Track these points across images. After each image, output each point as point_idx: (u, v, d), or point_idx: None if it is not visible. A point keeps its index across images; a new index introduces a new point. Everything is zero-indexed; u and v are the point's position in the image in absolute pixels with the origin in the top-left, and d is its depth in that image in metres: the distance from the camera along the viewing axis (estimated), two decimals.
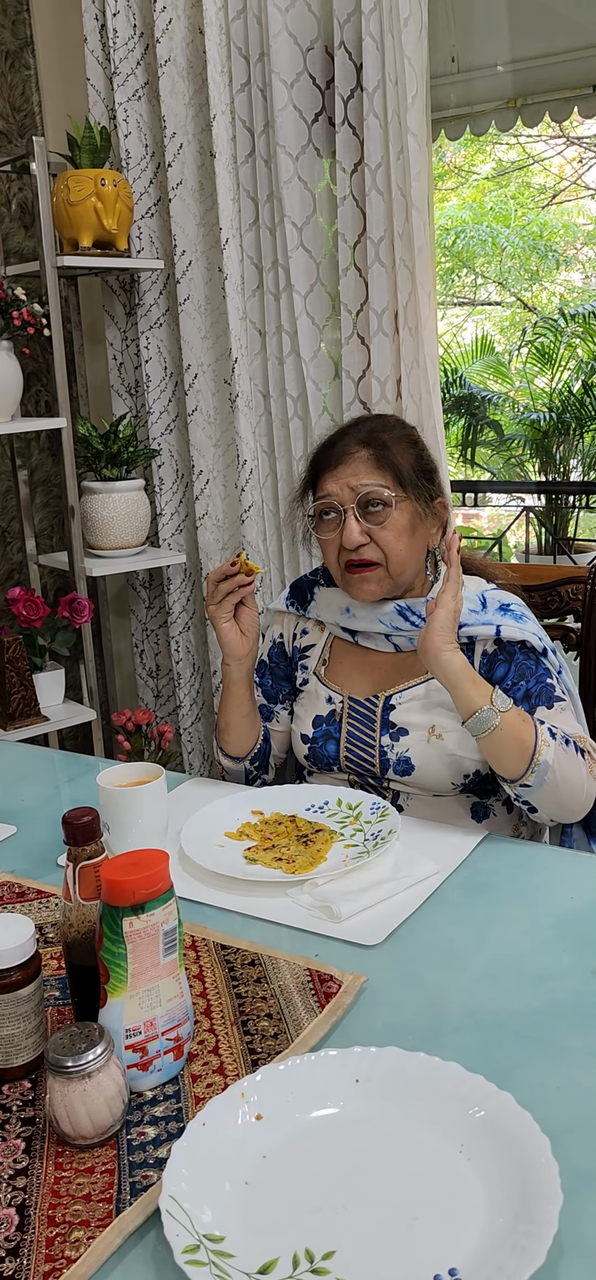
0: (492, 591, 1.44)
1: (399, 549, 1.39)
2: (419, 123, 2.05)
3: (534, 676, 1.35)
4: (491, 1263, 0.67)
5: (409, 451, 1.44)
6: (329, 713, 1.45)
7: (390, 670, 1.44)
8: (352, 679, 1.46)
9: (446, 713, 1.38)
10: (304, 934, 1.11)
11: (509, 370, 9.53)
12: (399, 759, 1.37)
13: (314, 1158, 0.79)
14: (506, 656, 1.36)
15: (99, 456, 2.45)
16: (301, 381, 2.34)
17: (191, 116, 2.36)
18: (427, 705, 1.38)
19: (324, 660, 1.50)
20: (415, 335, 2.15)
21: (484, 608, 1.40)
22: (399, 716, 1.39)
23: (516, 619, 1.38)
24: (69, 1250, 0.71)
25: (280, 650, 1.58)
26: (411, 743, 1.37)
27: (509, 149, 9.54)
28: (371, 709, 1.41)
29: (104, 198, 2.28)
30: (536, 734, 1.24)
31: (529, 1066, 0.87)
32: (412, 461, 1.43)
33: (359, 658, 1.47)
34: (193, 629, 2.70)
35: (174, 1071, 0.88)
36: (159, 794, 1.27)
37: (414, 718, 1.38)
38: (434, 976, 1.03)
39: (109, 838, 1.24)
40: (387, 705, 1.40)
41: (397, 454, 1.42)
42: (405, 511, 1.40)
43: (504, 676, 1.36)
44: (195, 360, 2.46)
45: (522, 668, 1.35)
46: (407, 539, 1.40)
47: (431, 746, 1.36)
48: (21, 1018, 0.88)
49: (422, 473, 1.44)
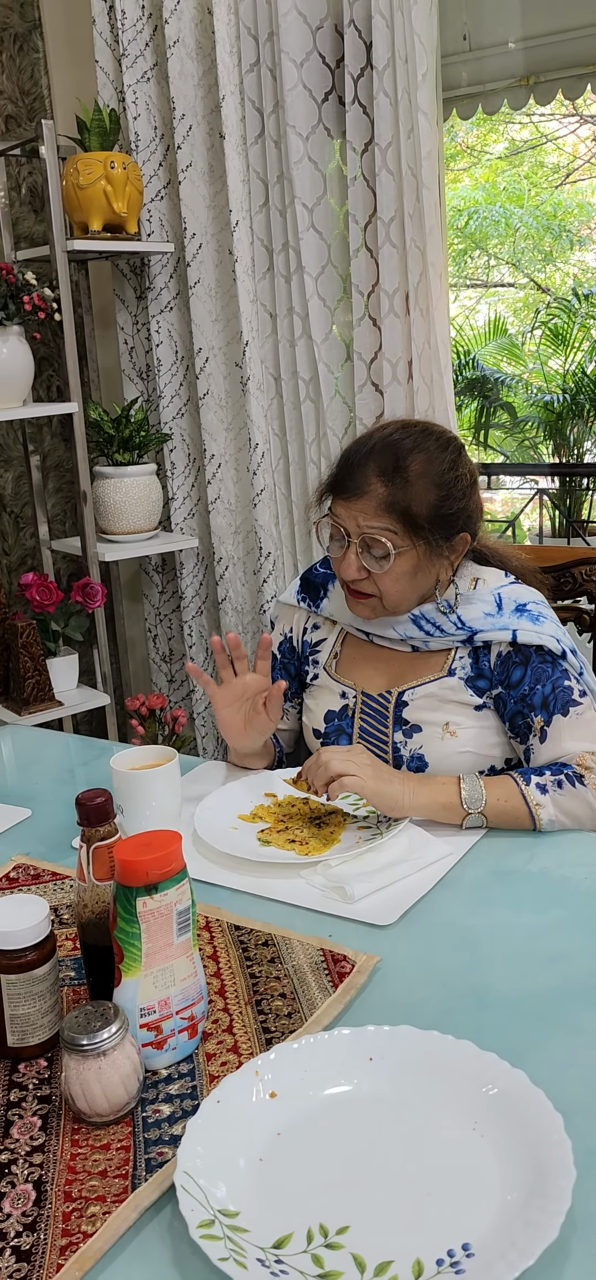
0: (509, 589, 1.39)
1: (395, 591, 1.35)
2: (429, 101, 2.03)
3: (550, 680, 1.32)
4: (505, 1238, 0.67)
5: (431, 494, 1.32)
6: (342, 708, 1.44)
7: (404, 667, 1.42)
8: (366, 674, 1.44)
9: (460, 709, 1.36)
10: (317, 915, 1.11)
11: (522, 352, 9.47)
12: (412, 755, 1.37)
13: (328, 1135, 0.79)
14: (522, 659, 1.34)
15: (111, 441, 2.46)
16: (313, 364, 2.33)
17: (200, 98, 2.35)
18: (441, 702, 1.37)
19: (336, 654, 1.49)
20: (426, 316, 2.14)
21: (499, 610, 1.36)
22: (412, 713, 1.38)
23: (533, 620, 1.34)
24: (85, 1225, 0.72)
25: (290, 646, 1.56)
26: (425, 739, 1.36)
27: (522, 128, 9.45)
28: (384, 705, 1.40)
29: (113, 180, 2.27)
30: (527, 805, 1.24)
31: (542, 1045, 0.88)
32: (433, 505, 1.32)
33: (372, 653, 1.45)
34: (205, 613, 2.70)
35: (188, 1050, 0.89)
36: (172, 777, 1.27)
37: (427, 714, 1.37)
38: (447, 957, 1.03)
39: (122, 820, 1.25)
40: (400, 701, 1.39)
41: (416, 496, 1.31)
42: (409, 558, 1.33)
43: (520, 680, 1.33)
44: (206, 344, 2.45)
45: (539, 671, 1.32)
46: (407, 582, 1.35)
47: (445, 744, 1.35)
48: (37, 997, 0.89)
49: (443, 517, 1.33)
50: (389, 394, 2.22)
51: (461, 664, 1.38)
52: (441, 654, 1.40)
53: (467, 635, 1.36)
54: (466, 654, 1.38)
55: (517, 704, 1.33)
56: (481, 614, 1.36)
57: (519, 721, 1.34)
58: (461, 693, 1.36)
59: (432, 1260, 0.67)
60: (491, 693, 1.36)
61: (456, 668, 1.38)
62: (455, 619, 1.37)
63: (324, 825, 1.30)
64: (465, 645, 1.38)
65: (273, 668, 1.55)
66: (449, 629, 1.37)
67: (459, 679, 1.37)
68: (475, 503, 1.39)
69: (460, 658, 1.38)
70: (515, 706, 1.34)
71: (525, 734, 1.33)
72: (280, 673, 1.56)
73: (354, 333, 2.27)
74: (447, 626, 1.37)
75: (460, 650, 1.38)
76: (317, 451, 2.38)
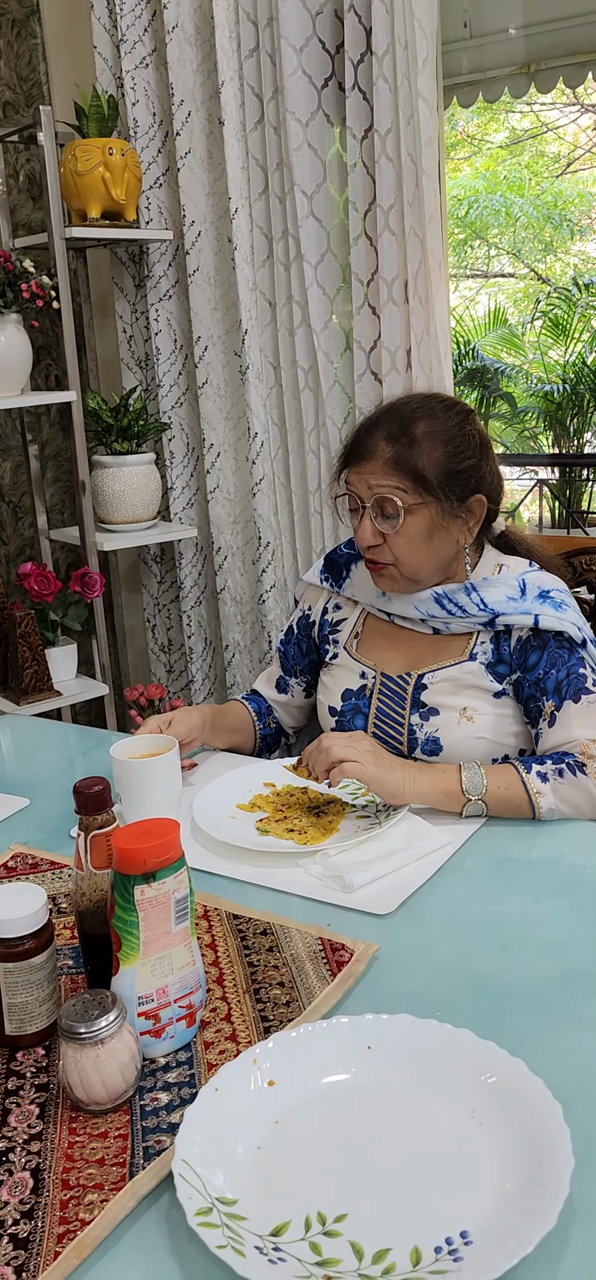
0: (533, 575, 1.39)
1: (411, 555, 1.35)
2: (429, 87, 2.02)
3: (566, 666, 1.32)
4: (503, 1225, 0.67)
5: (438, 450, 1.34)
6: (360, 687, 1.44)
7: (425, 649, 1.42)
8: (386, 655, 1.44)
9: (479, 694, 1.36)
10: (316, 904, 1.11)
11: (522, 342, 9.44)
12: (428, 738, 1.36)
13: (326, 1123, 0.79)
14: (540, 644, 1.34)
15: (109, 430, 2.45)
16: (312, 353, 2.32)
17: (199, 84, 2.34)
18: (460, 686, 1.37)
19: (356, 634, 1.49)
20: (425, 305, 2.13)
21: (523, 594, 1.36)
22: (430, 696, 1.38)
23: (555, 607, 1.34)
24: (83, 1213, 0.72)
25: (307, 625, 1.57)
26: (441, 723, 1.36)
27: (522, 117, 9.41)
28: (403, 687, 1.40)
29: (112, 167, 2.26)
30: (527, 793, 1.23)
31: (541, 1034, 0.87)
32: (441, 462, 1.34)
33: (393, 635, 1.45)
34: (204, 603, 2.70)
35: (187, 1038, 0.89)
36: (172, 766, 1.27)
37: (445, 699, 1.37)
38: (446, 945, 1.02)
39: (121, 809, 1.25)
40: (419, 684, 1.39)
41: (424, 454, 1.33)
42: (422, 518, 1.33)
43: (536, 664, 1.33)
44: (205, 332, 2.44)
45: (555, 656, 1.33)
46: (422, 545, 1.35)
47: (461, 728, 1.35)
48: (34, 985, 0.89)
49: (454, 474, 1.34)
50: (388, 383, 2.21)
51: (482, 649, 1.38)
52: (462, 638, 1.40)
53: (489, 617, 1.36)
54: (488, 639, 1.38)
55: (531, 688, 1.33)
56: (504, 597, 1.36)
57: (532, 706, 1.34)
58: (481, 678, 1.36)
59: (430, 1248, 0.67)
60: (510, 678, 1.36)
61: (477, 652, 1.38)
62: (478, 600, 1.37)
63: (322, 814, 1.30)
64: (486, 630, 1.38)
65: (288, 641, 1.60)
66: (471, 610, 1.37)
67: (480, 664, 1.37)
68: (489, 467, 1.39)
69: (481, 642, 1.38)
70: (529, 690, 1.34)
71: (536, 718, 1.33)
72: (293, 647, 1.59)
73: (353, 321, 2.26)
74: (470, 607, 1.37)
75: (481, 635, 1.38)
76: (317, 441, 2.37)
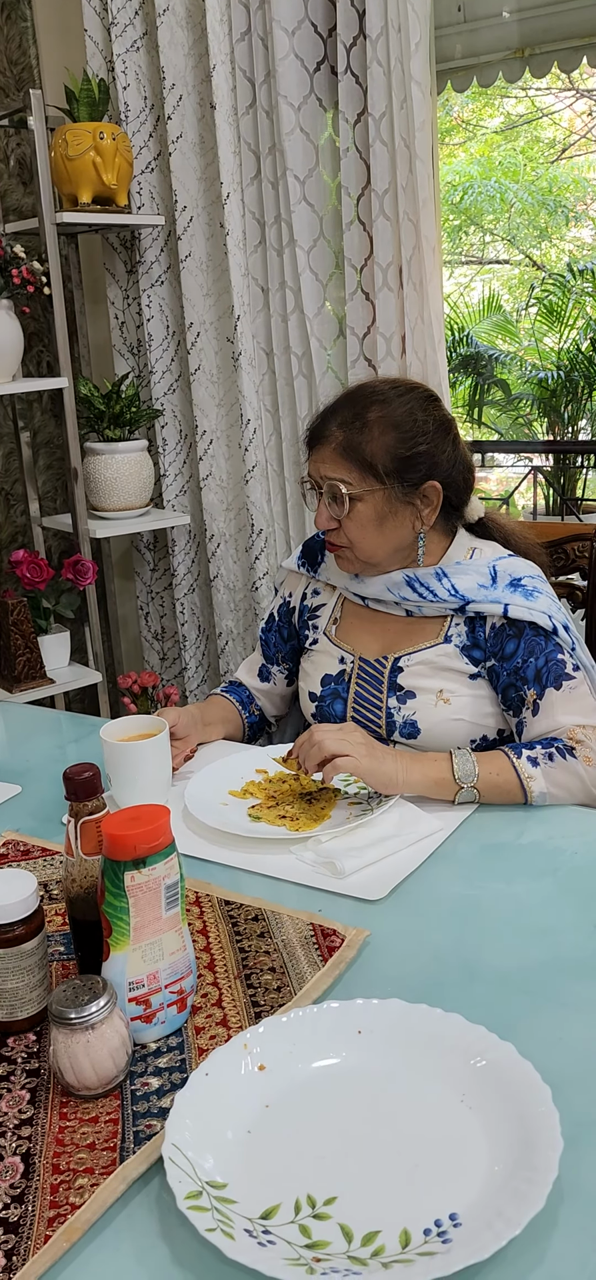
0: (505, 561, 1.39)
1: (362, 540, 1.36)
2: (423, 70, 2.01)
3: (543, 654, 1.32)
4: (491, 1208, 0.67)
5: (388, 435, 1.33)
6: (339, 672, 1.44)
7: (400, 633, 1.42)
8: (363, 640, 1.45)
9: (455, 677, 1.37)
10: (307, 890, 1.11)
11: (517, 329, 9.42)
12: (405, 721, 1.37)
13: (316, 1107, 0.79)
14: (516, 632, 1.34)
15: (101, 417, 2.44)
16: (305, 339, 2.31)
17: (191, 67, 2.32)
18: (436, 669, 1.37)
19: (335, 620, 1.49)
20: (419, 290, 2.12)
21: (493, 582, 1.36)
22: (406, 679, 1.38)
23: (526, 595, 1.34)
24: (73, 1197, 0.72)
25: (288, 611, 1.58)
26: (418, 706, 1.37)
27: (517, 102, 9.37)
28: (380, 670, 1.40)
29: (103, 151, 2.25)
30: (519, 778, 1.23)
31: (530, 1018, 0.88)
32: (391, 448, 1.33)
33: (369, 618, 1.46)
34: (198, 591, 2.69)
35: (177, 1024, 0.89)
36: (162, 748, 1.26)
37: (421, 681, 1.37)
38: (436, 931, 1.03)
39: (112, 792, 1.25)
40: (395, 667, 1.39)
41: (372, 440, 1.33)
42: (370, 504, 1.34)
43: (513, 653, 1.34)
44: (197, 318, 2.43)
45: (532, 644, 1.33)
46: (373, 530, 1.35)
47: (438, 710, 1.36)
48: (25, 971, 0.89)
49: (404, 460, 1.33)
50: (382, 369, 2.21)
51: (457, 631, 1.38)
52: (437, 621, 1.40)
53: (460, 604, 1.36)
54: (462, 622, 1.38)
55: (510, 676, 1.33)
56: (475, 584, 1.36)
57: (512, 694, 1.34)
58: (456, 660, 1.37)
59: (420, 1230, 0.67)
60: (485, 664, 1.36)
61: (452, 635, 1.38)
62: (449, 586, 1.37)
63: (314, 801, 1.30)
64: (459, 614, 1.38)
65: (269, 629, 1.61)
66: (442, 594, 1.37)
67: (455, 646, 1.37)
68: (447, 453, 1.38)
69: (456, 625, 1.38)
70: (508, 679, 1.34)
71: (518, 707, 1.33)
72: (274, 635, 1.60)
73: (347, 307, 2.26)
74: (441, 592, 1.37)
75: (456, 618, 1.38)
76: None
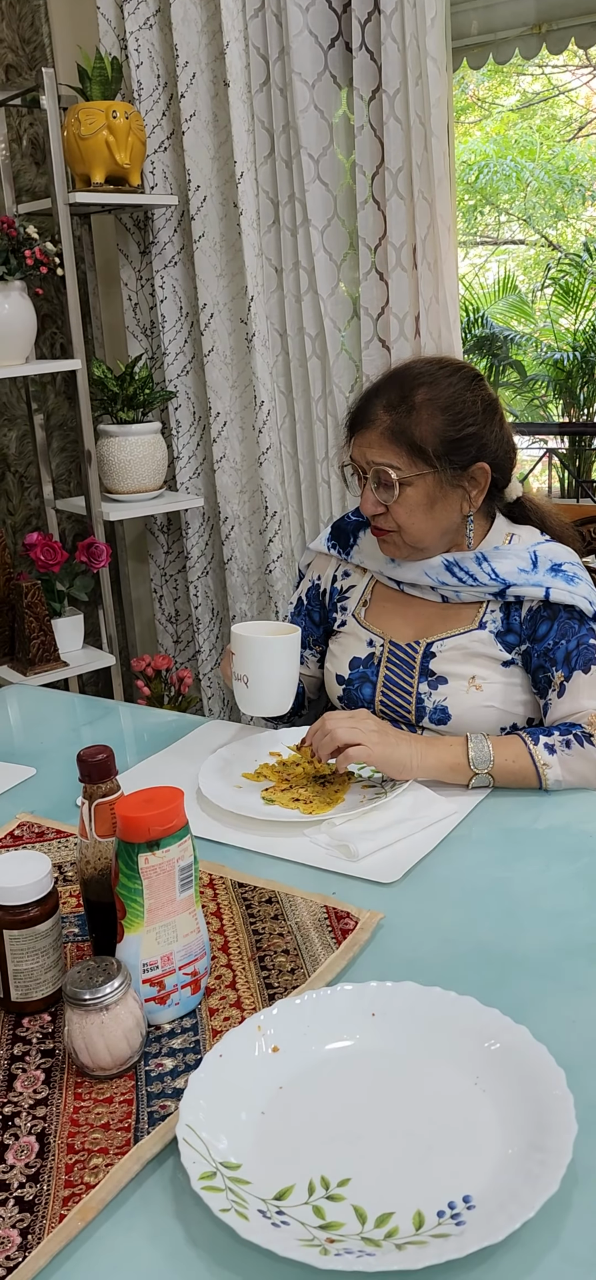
0: (544, 546, 1.38)
1: (411, 524, 1.34)
2: (438, 46, 1.99)
3: (575, 637, 1.31)
4: (505, 1190, 0.67)
5: (437, 418, 1.31)
6: (368, 655, 1.43)
7: (434, 617, 1.41)
8: (395, 623, 1.44)
9: (488, 663, 1.36)
10: (321, 872, 1.11)
11: (532, 309, 9.35)
12: (436, 707, 1.36)
13: (330, 1089, 0.79)
14: (550, 614, 1.33)
15: (115, 399, 2.43)
16: (319, 320, 2.30)
17: (204, 44, 2.30)
18: (469, 655, 1.36)
19: (365, 602, 1.48)
20: (434, 270, 2.10)
21: (534, 567, 1.35)
22: (439, 665, 1.37)
23: (567, 580, 1.33)
24: (88, 1176, 0.72)
25: (316, 594, 1.56)
26: (450, 692, 1.36)
27: (534, 80, 9.27)
28: (412, 655, 1.39)
29: (116, 130, 2.23)
30: (534, 765, 1.23)
31: (544, 1002, 0.87)
32: (440, 430, 1.31)
33: (402, 603, 1.44)
34: (211, 574, 2.69)
35: (191, 1005, 0.89)
36: (295, 647, 1.31)
37: (454, 667, 1.36)
38: (450, 914, 1.02)
39: (247, 691, 1.28)
40: (428, 652, 1.38)
41: (422, 422, 1.31)
42: (420, 488, 1.32)
43: (545, 634, 1.33)
44: (211, 299, 2.42)
45: (566, 627, 1.32)
46: (423, 514, 1.34)
47: (470, 697, 1.35)
48: (40, 952, 0.89)
49: (453, 443, 1.32)
50: (396, 349, 2.19)
51: (492, 618, 1.37)
52: (472, 607, 1.39)
53: (501, 588, 1.35)
54: (497, 608, 1.37)
55: (540, 658, 1.33)
56: (516, 569, 1.35)
57: (540, 676, 1.33)
58: (491, 647, 1.36)
59: (433, 1212, 0.67)
60: (519, 648, 1.36)
61: (487, 621, 1.37)
62: (489, 570, 1.36)
63: (328, 784, 1.30)
64: (497, 599, 1.37)
65: (298, 613, 1.58)
66: (482, 579, 1.36)
67: (489, 633, 1.36)
68: (495, 434, 1.36)
69: (491, 611, 1.37)
70: (538, 661, 1.33)
71: (545, 688, 1.33)
72: (304, 619, 1.58)
73: (360, 287, 2.24)
74: (481, 576, 1.36)
75: (491, 604, 1.37)
76: (324, 409, 2.35)
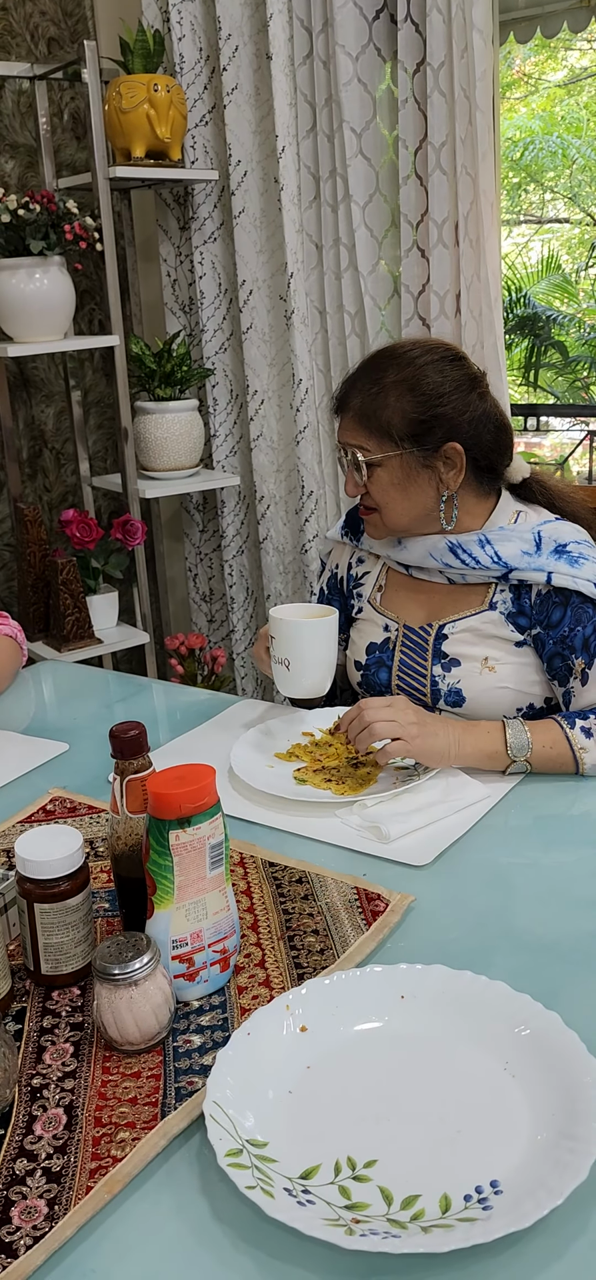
0: (550, 526, 1.36)
1: (388, 505, 1.36)
2: (484, 18, 1.95)
3: (591, 622, 1.29)
4: (534, 1176, 0.66)
5: (405, 400, 1.32)
6: (383, 640, 1.43)
7: (444, 600, 1.41)
8: (408, 607, 1.44)
9: (500, 644, 1.34)
10: (352, 854, 1.10)
11: (576, 289, 9.19)
12: (450, 689, 1.35)
13: (358, 1070, 0.79)
14: (562, 600, 1.31)
15: (152, 376, 2.43)
16: (359, 297, 2.28)
17: (247, 17, 2.28)
18: (481, 637, 1.35)
19: (380, 587, 1.48)
20: (476, 247, 2.07)
21: (538, 549, 1.33)
22: (451, 647, 1.36)
23: (571, 563, 1.31)
24: (115, 1149, 0.73)
25: (335, 582, 1.57)
26: (463, 674, 1.35)
27: (582, 55, 9.06)
28: (424, 638, 1.39)
29: (157, 104, 2.22)
30: (571, 749, 1.22)
31: (576, 988, 0.86)
32: (407, 412, 1.32)
33: (413, 586, 1.44)
34: (246, 553, 2.69)
35: (220, 983, 0.89)
36: (334, 629, 1.34)
37: (466, 649, 1.36)
38: (482, 898, 1.01)
39: (288, 675, 1.32)
40: (440, 635, 1.37)
41: (388, 405, 1.32)
42: (390, 470, 1.34)
43: (560, 621, 1.31)
44: (250, 276, 2.40)
45: (580, 613, 1.30)
46: (398, 493, 1.35)
47: (484, 678, 1.34)
48: (70, 926, 0.90)
49: (421, 423, 1.32)
50: (436, 328, 2.16)
51: (502, 598, 1.35)
52: (481, 588, 1.37)
53: (503, 571, 1.33)
54: (507, 589, 1.35)
55: (557, 645, 1.30)
56: (519, 551, 1.33)
57: (558, 664, 1.31)
58: (502, 628, 1.34)
59: (460, 1195, 0.66)
60: (531, 631, 1.34)
61: (497, 602, 1.35)
62: (492, 553, 1.34)
63: (360, 765, 1.29)
64: (503, 581, 1.35)
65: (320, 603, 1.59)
66: (485, 562, 1.34)
67: (500, 614, 1.35)
68: (469, 413, 1.34)
69: (501, 591, 1.36)
70: (554, 648, 1.31)
71: (565, 677, 1.30)
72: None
73: (401, 265, 2.21)
74: (484, 559, 1.34)
75: (500, 585, 1.36)
76: None
